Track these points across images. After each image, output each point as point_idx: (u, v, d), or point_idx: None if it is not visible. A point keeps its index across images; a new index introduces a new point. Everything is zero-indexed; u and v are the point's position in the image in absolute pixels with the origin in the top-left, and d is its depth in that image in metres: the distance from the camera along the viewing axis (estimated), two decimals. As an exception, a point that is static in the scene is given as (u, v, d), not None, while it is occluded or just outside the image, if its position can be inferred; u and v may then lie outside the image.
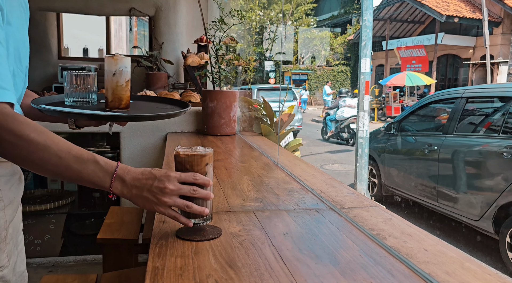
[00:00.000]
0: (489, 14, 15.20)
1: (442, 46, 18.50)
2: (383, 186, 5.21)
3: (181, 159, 0.82)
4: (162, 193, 0.77)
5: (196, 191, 0.79)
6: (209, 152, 0.84)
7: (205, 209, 0.81)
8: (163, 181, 0.77)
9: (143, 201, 0.78)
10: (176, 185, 0.78)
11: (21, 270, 0.99)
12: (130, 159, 2.60)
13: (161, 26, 3.62)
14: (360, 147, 4.78)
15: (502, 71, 14.00)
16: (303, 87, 21.45)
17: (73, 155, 0.76)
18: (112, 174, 0.77)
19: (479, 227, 3.84)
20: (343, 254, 0.80)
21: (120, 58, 1.02)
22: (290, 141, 3.52)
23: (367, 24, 4.62)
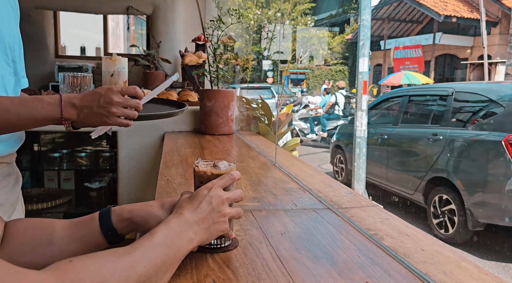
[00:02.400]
0: (487, 14, 15.24)
1: (440, 46, 18.54)
2: (348, 171, 6.17)
3: (200, 175, 0.78)
4: (110, 105, 0.84)
5: (139, 105, 0.90)
6: (232, 168, 0.79)
7: None
8: (109, 95, 0.84)
9: (96, 117, 0.84)
10: (121, 97, 0.86)
11: None
12: (128, 158, 2.60)
13: (158, 25, 3.61)
14: (357, 146, 4.78)
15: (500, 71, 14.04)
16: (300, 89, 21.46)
17: (18, 103, 0.80)
18: (59, 103, 0.82)
19: (415, 199, 4.80)
20: (340, 254, 0.80)
21: (118, 59, 1.02)
22: (288, 140, 3.52)
23: (365, 23, 4.62)
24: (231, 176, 0.75)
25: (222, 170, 0.77)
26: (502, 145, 3.69)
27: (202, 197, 0.70)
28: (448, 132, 4.35)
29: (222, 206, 0.71)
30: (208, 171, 0.76)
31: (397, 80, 15.40)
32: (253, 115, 2.85)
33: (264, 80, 19.73)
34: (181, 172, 1.47)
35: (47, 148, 3.17)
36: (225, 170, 0.77)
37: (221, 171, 0.77)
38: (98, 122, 0.86)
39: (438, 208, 4.37)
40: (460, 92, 4.55)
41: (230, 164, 0.80)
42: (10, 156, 0.92)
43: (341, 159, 6.51)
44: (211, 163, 0.79)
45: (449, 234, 4.20)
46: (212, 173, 0.76)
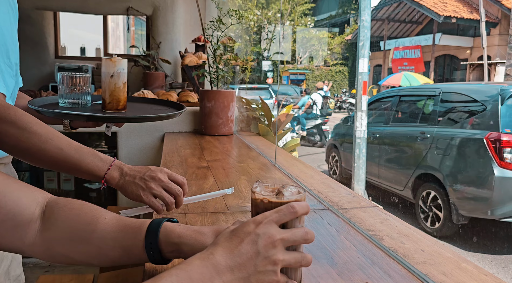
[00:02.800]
0: (487, 14, 15.25)
1: (440, 47, 18.55)
2: (342, 169, 6.39)
3: (256, 203, 0.60)
4: (152, 180, 0.81)
5: (180, 196, 0.84)
6: (300, 198, 0.59)
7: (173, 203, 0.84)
8: (156, 171, 0.83)
9: (132, 187, 0.81)
10: (165, 178, 0.83)
11: (17, 274, 0.97)
12: (128, 159, 2.60)
13: (158, 26, 3.62)
14: (357, 147, 4.78)
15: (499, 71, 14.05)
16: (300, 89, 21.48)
17: (74, 148, 0.80)
18: (110, 163, 0.82)
19: (404, 195, 4.96)
20: (340, 255, 0.80)
21: (118, 60, 1.02)
22: (288, 141, 3.52)
23: (365, 24, 4.62)
24: (291, 209, 0.53)
25: (285, 198, 0.58)
26: (484, 143, 3.89)
27: (245, 234, 0.51)
28: (435, 131, 4.58)
29: (272, 249, 0.51)
30: (265, 199, 0.58)
31: (396, 81, 15.41)
32: (253, 115, 2.85)
33: (264, 80, 19.74)
34: (181, 172, 1.47)
35: (47, 149, 3.17)
36: (289, 199, 0.58)
37: (283, 200, 0.57)
38: (133, 193, 0.81)
39: (426, 203, 4.56)
40: (447, 93, 4.78)
41: (300, 191, 0.61)
42: (8, 157, 0.92)
43: (336, 157, 6.71)
44: (275, 188, 0.61)
45: (436, 228, 4.38)
46: (270, 201, 0.57)
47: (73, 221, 0.61)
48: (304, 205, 0.56)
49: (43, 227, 0.60)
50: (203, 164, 1.62)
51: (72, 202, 0.65)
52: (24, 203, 0.59)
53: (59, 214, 0.61)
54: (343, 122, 6.88)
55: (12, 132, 0.75)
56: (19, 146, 0.77)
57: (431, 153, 4.50)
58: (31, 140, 0.76)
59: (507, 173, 3.78)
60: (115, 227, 0.60)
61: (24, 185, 0.62)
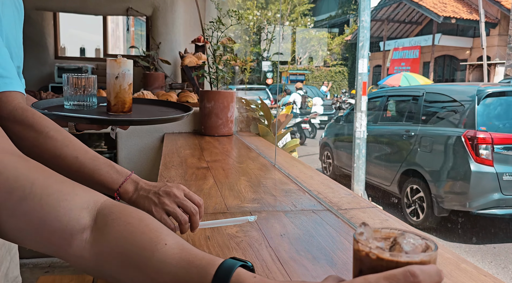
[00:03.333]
0: (486, 15, 15.26)
1: (439, 47, 18.56)
2: (334, 166, 6.66)
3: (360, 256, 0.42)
4: (166, 195, 0.76)
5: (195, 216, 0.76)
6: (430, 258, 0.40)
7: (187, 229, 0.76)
8: (172, 187, 0.77)
9: (144, 201, 0.76)
10: (181, 195, 0.77)
11: (14, 276, 0.97)
12: (127, 159, 2.60)
13: (158, 26, 3.62)
14: (357, 148, 4.79)
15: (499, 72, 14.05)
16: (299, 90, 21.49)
17: (90, 157, 0.76)
18: (126, 176, 0.78)
19: (391, 190, 5.19)
20: (340, 255, 0.81)
21: (123, 61, 1.01)
22: (288, 141, 3.52)
23: (364, 25, 4.63)
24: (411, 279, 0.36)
25: (403, 256, 0.39)
26: (462, 140, 4.16)
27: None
28: (418, 129, 4.88)
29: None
30: (372, 254, 0.40)
31: (396, 82, 15.40)
32: (253, 116, 2.85)
33: (263, 81, 19.75)
34: (181, 173, 1.47)
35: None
36: (410, 259, 0.39)
37: (400, 260, 0.39)
38: (145, 208, 0.76)
39: (410, 197, 4.83)
40: (430, 93, 5.11)
41: (428, 245, 0.41)
42: None
43: (328, 155, 6.98)
44: (389, 235, 0.44)
45: (419, 221, 4.64)
46: (380, 258, 0.39)
47: (127, 241, 0.50)
48: (433, 272, 0.37)
49: (94, 239, 0.50)
50: (203, 165, 1.62)
51: (129, 213, 0.53)
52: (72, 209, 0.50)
53: (112, 227, 0.51)
54: (335, 121, 7.23)
55: (28, 135, 0.73)
56: (34, 150, 0.74)
57: (415, 150, 4.81)
58: (47, 145, 0.74)
59: (483, 168, 4.03)
60: (176, 260, 0.48)
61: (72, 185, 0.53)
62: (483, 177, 4.06)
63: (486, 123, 4.17)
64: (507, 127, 4.26)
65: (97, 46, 7.62)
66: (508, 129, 4.24)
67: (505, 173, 4.01)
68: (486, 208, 4.07)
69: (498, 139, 4.07)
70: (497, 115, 4.34)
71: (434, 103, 5.01)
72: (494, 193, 4.03)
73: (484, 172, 4.04)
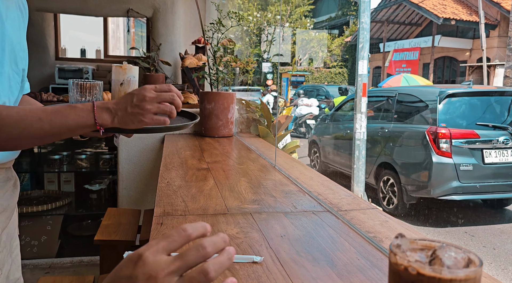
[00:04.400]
0: (486, 16, 15.28)
1: (439, 48, 18.57)
2: (321, 163, 7.18)
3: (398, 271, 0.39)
4: (144, 102, 0.78)
5: (174, 98, 0.82)
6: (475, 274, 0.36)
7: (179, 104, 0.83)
8: (141, 92, 0.79)
9: (131, 118, 0.79)
10: (154, 93, 0.80)
11: (16, 277, 0.97)
12: (128, 160, 2.60)
13: (158, 27, 3.62)
14: (357, 149, 4.79)
15: (499, 73, 14.06)
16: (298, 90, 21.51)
17: (50, 112, 0.77)
18: (92, 108, 0.78)
19: (369, 182, 5.61)
20: (340, 257, 0.81)
21: (129, 68, 0.99)
22: (288, 143, 3.53)
23: (364, 26, 4.63)
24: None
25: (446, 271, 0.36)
26: (425, 135, 4.71)
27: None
28: (391, 126, 5.47)
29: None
30: (411, 268, 0.37)
31: (396, 83, 15.41)
32: (253, 117, 2.86)
33: (264, 82, 19.75)
34: (181, 174, 1.47)
35: (47, 150, 3.17)
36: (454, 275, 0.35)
37: (443, 275, 0.35)
38: (134, 123, 0.80)
39: (384, 187, 5.39)
40: (402, 94, 5.69)
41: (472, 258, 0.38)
42: (10, 161, 0.93)
43: (316, 152, 7.52)
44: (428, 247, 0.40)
45: (392, 208, 5.18)
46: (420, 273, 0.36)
47: None
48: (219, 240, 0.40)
49: None
50: (203, 166, 1.62)
51: None
52: None
53: None
54: (321, 120, 7.77)
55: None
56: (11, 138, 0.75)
57: (388, 145, 5.38)
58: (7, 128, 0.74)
59: (442, 160, 4.59)
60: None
61: None
62: (443, 167, 4.58)
63: (446, 120, 4.74)
64: (464, 123, 4.80)
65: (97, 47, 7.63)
66: (465, 125, 4.77)
67: (462, 164, 4.55)
68: (447, 194, 4.59)
69: (456, 134, 4.59)
70: (456, 113, 4.92)
71: (404, 103, 5.58)
72: (453, 182, 4.56)
73: (444, 163, 4.57)
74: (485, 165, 4.60)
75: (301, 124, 11.93)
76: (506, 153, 4.65)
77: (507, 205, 5.41)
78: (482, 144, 4.60)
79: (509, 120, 4.90)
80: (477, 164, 4.57)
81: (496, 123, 4.79)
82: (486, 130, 4.69)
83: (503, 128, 4.71)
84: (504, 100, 5.07)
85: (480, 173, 4.59)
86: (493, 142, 4.60)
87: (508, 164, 4.65)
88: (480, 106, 5.01)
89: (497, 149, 4.62)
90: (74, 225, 3.11)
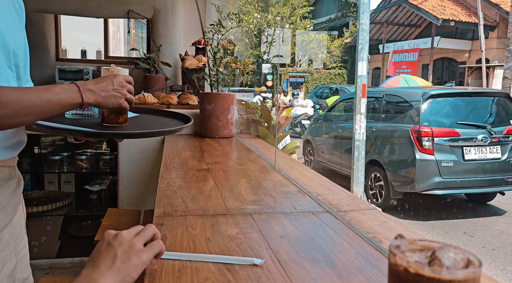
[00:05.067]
0: (485, 18, 15.30)
1: (438, 50, 18.58)
2: (315, 161, 7.45)
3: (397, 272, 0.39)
4: (123, 87, 0.93)
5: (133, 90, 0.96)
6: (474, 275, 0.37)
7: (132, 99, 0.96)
8: (119, 78, 0.93)
9: (111, 99, 0.91)
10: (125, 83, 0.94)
11: (23, 277, 0.97)
12: (128, 161, 2.60)
13: (159, 29, 3.63)
14: (356, 149, 4.80)
15: (498, 74, 14.08)
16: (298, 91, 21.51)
17: (43, 90, 0.86)
18: (78, 89, 0.87)
19: None
20: (339, 257, 0.81)
21: (117, 70, 1.00)
22: (287, 143, 3.53)
23: (364, 27, 4.64)
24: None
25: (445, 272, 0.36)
26: (409, 134, 4.98)
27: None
28: (379, 125, 5.74)
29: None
30: (411, 268, 0.38)
31: (395, 84, 15.42)
32: (253, 118, 2.87)
33: (263, 83, 19.76)
34: (181, 175, 1.48)
35: (47, 151, 3.18)
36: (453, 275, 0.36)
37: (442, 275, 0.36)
38: (113, 104, 0.91)
39: (372, 183, 5.65)
40: (388, 95, 5.94)
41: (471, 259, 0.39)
42: (12, 159, 0.93)
43: (310, 151, 7.80)
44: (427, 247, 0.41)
45: (379, 202, 5.45)
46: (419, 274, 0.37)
47: None
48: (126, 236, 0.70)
49: None
50: (203, 167, 1.63)
51: None
52: None
53: None
54: (314, 120, 8.07)
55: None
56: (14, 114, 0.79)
57: (376, 143, 5.65)
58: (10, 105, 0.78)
59: (425, 156, 4.84)
60: None
61: None
62: (426, 164, 4.84)
63: (429, 119, 4.99)
64: (445, 122, 5.05)
65: (98, 48, 7.64)
66: (446, 124, 5.01)
67: (443, 160, 4.82)
68: (429, 189, 4.85)
69: (438, 133, 4.86)
70: (438, 112, 5.17)
71: (391, 103, 5.84)
72: (435, 177, 4.81)
73: (426, 160, 4.83)
74: (465, 162, 4.86)
75: (297, 124, 12.20)
76: (484, 150, 4.93)
77: (489, 200, 5.68)
78: (463, 142, 4.86)
79: (491, 120, 5.18)
80: (457, 160, 4.84)
81: (479, 122, 5.04)
82: (466, 129, 4.93)
83: (482, 127, 4.96)
84: (486, 100, 5.39)
85: (460, 169, 4.86)
86: (473, 140, 4.86)
87: (487, 160, 4.93)
88: (463, 106, 5.28)
89: (476, 146, 4.89)
90: (74, 225, 3.11)
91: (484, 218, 5.04)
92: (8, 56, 0.88)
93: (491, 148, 4.93)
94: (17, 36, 0.92)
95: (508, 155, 4.97)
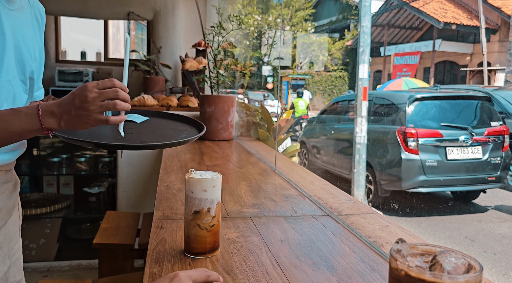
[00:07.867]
0: (486, 21, 15.31)
1: (440, 53, 18.60)
2: (310, 162, 7.62)
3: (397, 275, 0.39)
4: (86, 103, 0.76)
5: (117, 93, 0.78)
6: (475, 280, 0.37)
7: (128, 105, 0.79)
8: (83, 93, 0.76)
9: (77, 121, 0.77)
10: (96, 92, 0.77)
11: (16, 280, 0.96)
12: (127, 163, 2.59)
13: (159, 30, 3.63)
14: (357, 153, 4.79)
15: (499, 78, 14.08)
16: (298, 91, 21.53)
17: None
18: (37, 112, 0.76)
19: (349, 178, 5.86)
20: (340, 261, 0.80)
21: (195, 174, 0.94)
22: (288, 146, 3.52)
23: (365, 30, 4.64)
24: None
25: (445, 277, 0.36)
26: (396, 135, 5.20)
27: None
28: (368, 127, 5.87)
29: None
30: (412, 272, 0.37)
31: (397, 87, 15.43)
32: (253, 121, 2.85)
33: (264, 85, 19.78)
34: (181, 177, 1.47)
35: (46, 153, 3.17)
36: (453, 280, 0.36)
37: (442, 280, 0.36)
38: (81, 126, 0.78)
39: None
40: (377, 98, 6.27)
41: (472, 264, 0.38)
42: (9, 163, 0.93)
43: (305, 152, 8.03)
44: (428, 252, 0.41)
45: (369, 200, 5.63)
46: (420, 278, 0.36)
47: None
48: None
49: None
50: (203, 169, 1.61)
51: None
52: None
53: None
54: (308, 122, 8.40)
55: None
56: None
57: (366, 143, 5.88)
58: None
59: (410, 156, 5.08)
60: None
61: None
62: (411, 163, 5.09)
63: (414, 121, 5.25)
64: (429, 124, 5.29)
65: (98, 50, 7.64)
66: (430, 125, 5.25)
67: (427, 160, 5.06)
68: (414, 187, 5.10)
69: (422, 134, 5.10)
70: (425, 115, 5.42)
71: (380, 106, 6.12)
72: (420, 176, 5.05)
73: (412, 159, 5.07)
74: (448, 161, 5.10)
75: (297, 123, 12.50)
76: (466, 151, 5.19)
77: (474, 199, 5.88)
78: (446, 142, 5.12)
79: (475, 122, 5.45)
80: (441, 160, 5.07)
81: (462, 124, 5.32)
82: (450, 130, 5.20)
83: (464, 128, 5.23)
84: (469, 103, 5.69)
85: (443, 168, 5.10)
86: (455, 141, 5.14)
87: (468, 160, 5.19)
88: (449, 109, 5.56)
89: (458, 147, 5.15)
90: (73, 228, 3.09)
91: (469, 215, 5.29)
92: (23, 70, 0.88)
93: (472, 148, 5.17)
94: (35, 48, 0.92)
95: (489, 155, 5.21)
